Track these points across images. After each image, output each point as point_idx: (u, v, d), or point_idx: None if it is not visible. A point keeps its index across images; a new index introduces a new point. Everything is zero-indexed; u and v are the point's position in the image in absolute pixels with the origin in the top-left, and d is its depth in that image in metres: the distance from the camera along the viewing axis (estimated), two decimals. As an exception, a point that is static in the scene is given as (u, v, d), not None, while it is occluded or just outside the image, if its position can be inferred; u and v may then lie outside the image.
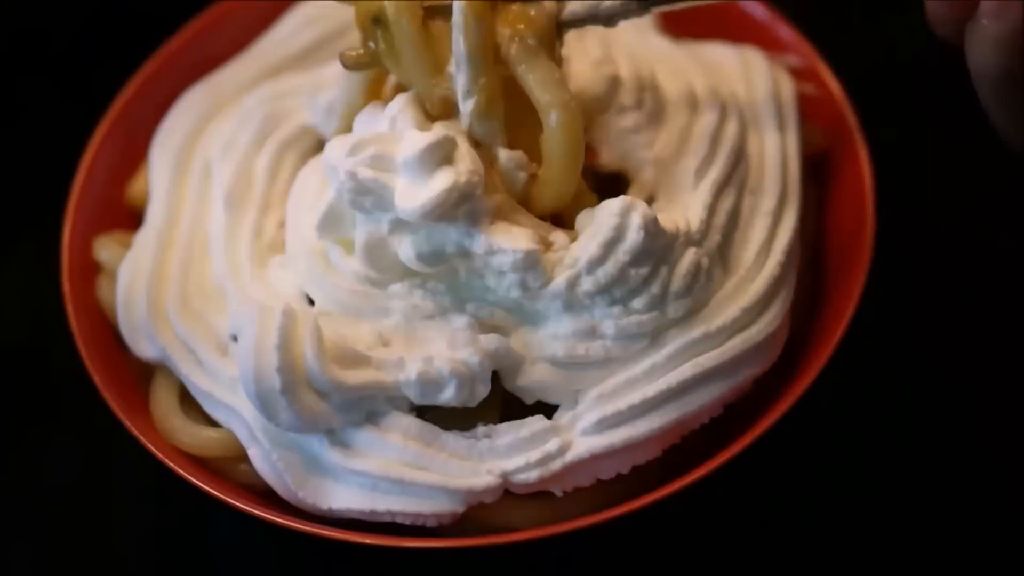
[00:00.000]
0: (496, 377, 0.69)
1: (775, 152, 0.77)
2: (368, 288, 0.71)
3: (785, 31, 0.85)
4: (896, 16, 0.99)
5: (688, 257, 0.69)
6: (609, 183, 0.74)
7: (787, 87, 0.81)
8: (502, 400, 0.70)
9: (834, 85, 0.82)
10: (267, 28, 0.87)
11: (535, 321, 0.70)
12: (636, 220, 0.67)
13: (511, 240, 0.67)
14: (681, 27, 0.88)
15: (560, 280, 0.68)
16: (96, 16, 1.05)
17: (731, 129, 0.77)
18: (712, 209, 0.72)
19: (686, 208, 0.72)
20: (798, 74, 0.84)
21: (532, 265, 0.67)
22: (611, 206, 0.68)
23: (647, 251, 0.68)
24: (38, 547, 0.81)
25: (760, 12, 0.86)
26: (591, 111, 0.75)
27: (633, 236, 0.67)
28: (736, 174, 0.75)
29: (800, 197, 0.76)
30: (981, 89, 0.63)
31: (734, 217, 0.73)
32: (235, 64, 0.85)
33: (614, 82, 0.77)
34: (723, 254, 0.72)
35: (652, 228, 0.68)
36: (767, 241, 0.73)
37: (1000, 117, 0.63)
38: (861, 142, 0.79)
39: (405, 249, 0.68)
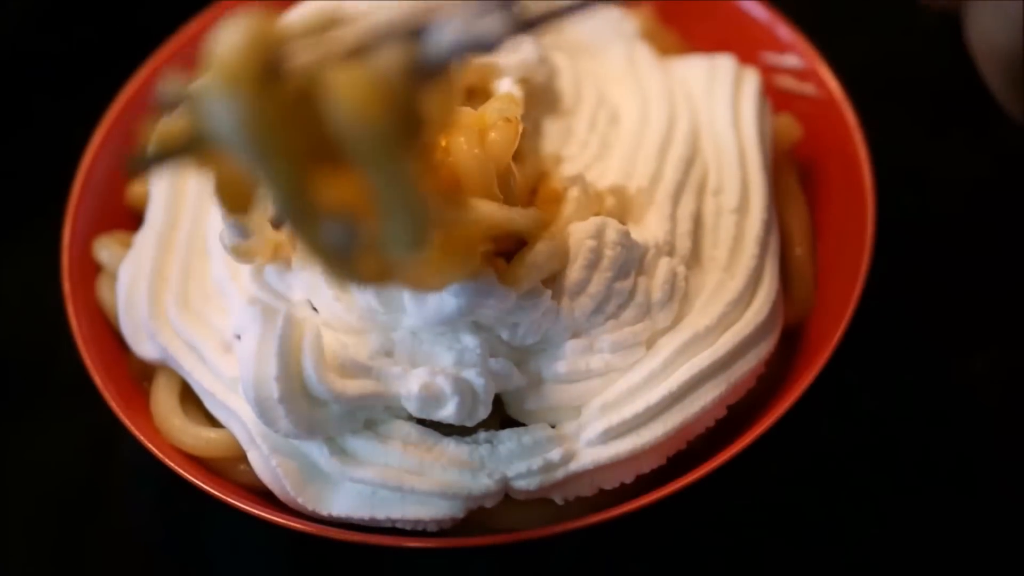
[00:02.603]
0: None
1: (731, 150, 0.77)
2: (376, 308, 0.70)
3: (785, 31, 0.85)
4: (896, 16, 1.00)
5: (663, 267, 0.71)
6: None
7: (750, 84, 0.81)
8: (503, 408, 0.70)
9: (834, 85, 0.82)
10: (267, 28, 0.87)
11: (540, 351, 0.70)
12: (612, 236, 0.69)
13: (531, 298, 0.67)
14: (681, 29, 0.88)
15: (565, 315, 0.68)
16: (96, 16, 1.05)
17: (679, 138, 0.77)
18: (673, 218, 0.73)
19: (649, 223, 0.73)
20: (798, 74, 0.84)
21: (551, 312, 0.68)
22: (585, 229, 0.69)
23: (627, 263, 0.69)
24: (37, 547, 0.81)
25: (760, 12, 0.86)
26: (549, 163, 0.75)
27: (610, 253, 0.69)
28: (689, 180, 0.75)
29: (765, 189, 0.76)
30: (984, 65, 0.63)
31: (699, 221, 0.74)
32: (235, 64, 0.85)
33: (568, 132, 0.77)
34: (698, 257, 0.73)
35: (627, 241, 0.69)
36: (737, 237, 0.74)
37: (1005, 93, 0.63)
38: (861, 142, 0.79)
39: (412, 316, 0.67)
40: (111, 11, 1.04)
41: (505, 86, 0.74)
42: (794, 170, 0.82)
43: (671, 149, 0.76)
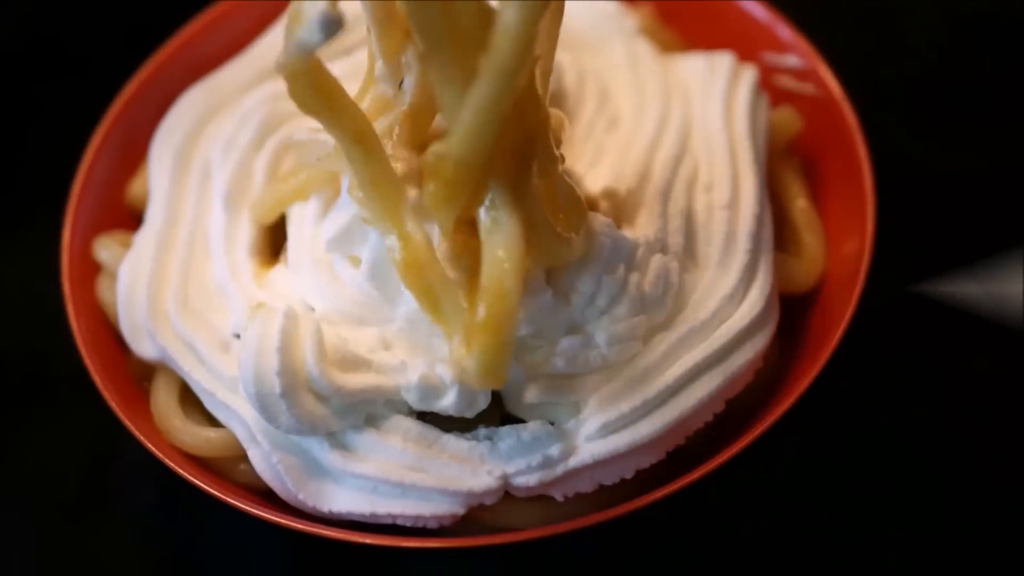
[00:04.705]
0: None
1: (722, 146, 0.77)
2: (372, 299, 0.70)
3: (785, 31, 0.85)
4: (896, 16, 1.00)
5: (655, 263, 0.71)
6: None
7: (745, 80, 0.81)
8: (502, 404, 0.70)
9: (834, 85, 0.82)
10: (266, 28, 0.87)
11: (536, 346, 0.70)
12: (596, 228, 0.69)
13: (530, 284, 0.67)
14: (682, 29, 0.88)
15: (559, 307, 0.68)
16: (96, 16, 1.05)
17: (669, 136, 0.77)
18: (664, 215, 0.73)
19: (640, 222, 0.73)
20: (798, 74, 0.84)
21: (546, 303, 0.68)
22: None
23: (614, 255, 0.69)
24: (38, 547, 0.81)
25: (760, 12, 0.86)
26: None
27: (597, 246, 0.69)
28: (679, 177, 0.75)
29: (757, 184, 0.76)
30: None
31: (691, 217, 0.74)
32: (234, 64, 0.85)
33: (567, 137, 0.77)
34: (691, 253, 0.73)
35: (612, 233, 0.69)
36: (730, 232, 0.74)
37: None
38: (861, 142, 0.79)
39: None
40: (112, 11, 1.04)
41: None
42: (795, 162, 0.83)
43: (660, 147, 0.76)
